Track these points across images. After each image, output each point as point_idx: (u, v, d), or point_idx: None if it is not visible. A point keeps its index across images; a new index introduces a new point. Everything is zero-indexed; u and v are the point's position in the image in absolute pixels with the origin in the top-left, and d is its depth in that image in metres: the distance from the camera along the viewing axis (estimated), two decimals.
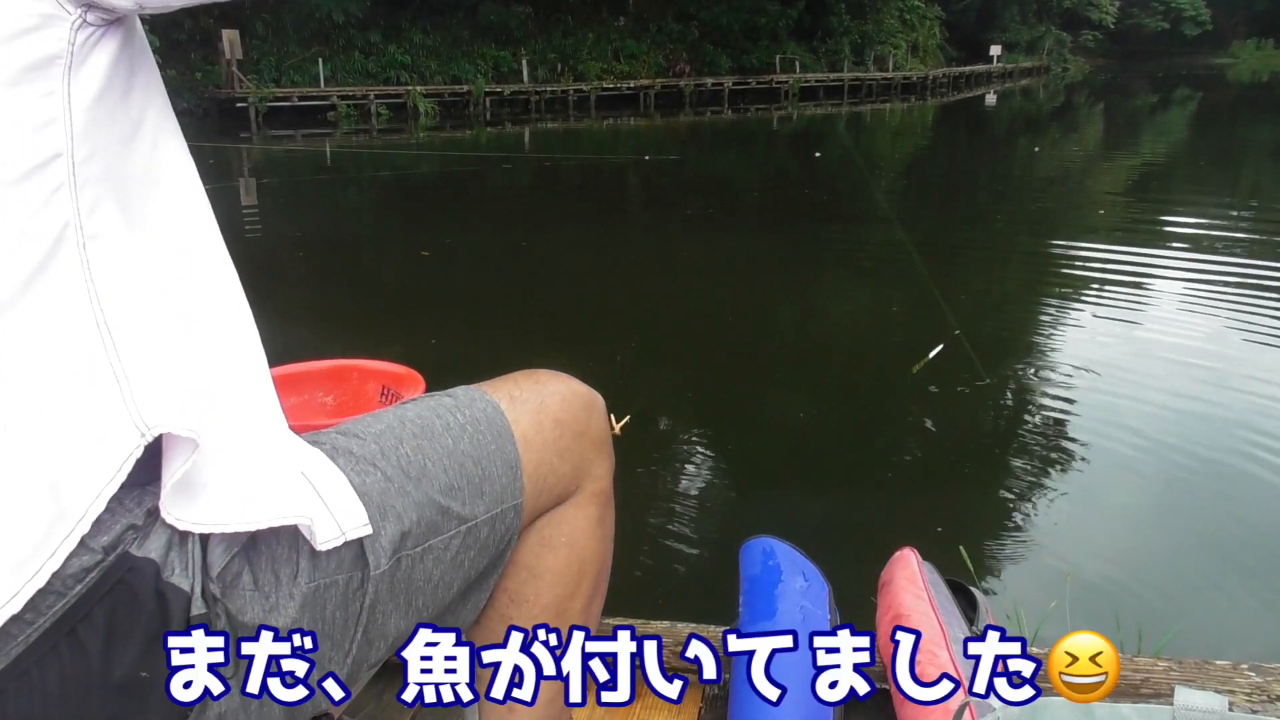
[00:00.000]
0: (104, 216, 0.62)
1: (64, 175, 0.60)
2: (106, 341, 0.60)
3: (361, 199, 11.11)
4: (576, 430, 0.86)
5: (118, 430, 0.59)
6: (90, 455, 0.58)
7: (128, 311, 0.62)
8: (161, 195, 0.68)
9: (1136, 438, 3.40)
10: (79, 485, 0.57)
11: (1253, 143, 16.40)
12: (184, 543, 0.63)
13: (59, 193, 0.60)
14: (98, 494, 0.57)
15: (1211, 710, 0.80)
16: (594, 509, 0.90)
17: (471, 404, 0.82)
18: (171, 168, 0.69)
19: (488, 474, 0.79)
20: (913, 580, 1.27)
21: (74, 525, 0.57)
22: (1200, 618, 2.34)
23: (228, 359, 0.68)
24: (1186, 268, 6.34)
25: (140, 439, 0.59)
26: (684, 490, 3.04)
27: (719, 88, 28.63)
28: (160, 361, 0.62)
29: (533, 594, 0.86)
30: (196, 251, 0.69)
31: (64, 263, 0.59)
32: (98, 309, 0.60)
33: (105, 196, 0.62)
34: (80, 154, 0.61)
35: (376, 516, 0.70)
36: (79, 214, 0.60)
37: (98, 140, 0.62)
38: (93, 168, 0.62)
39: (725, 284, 6.26)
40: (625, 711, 1.31)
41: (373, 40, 24.15)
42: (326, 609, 0.68)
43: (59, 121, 0.59)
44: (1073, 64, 53.61)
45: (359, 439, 0.75)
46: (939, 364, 3.78)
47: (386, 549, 0.70)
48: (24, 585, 0.55)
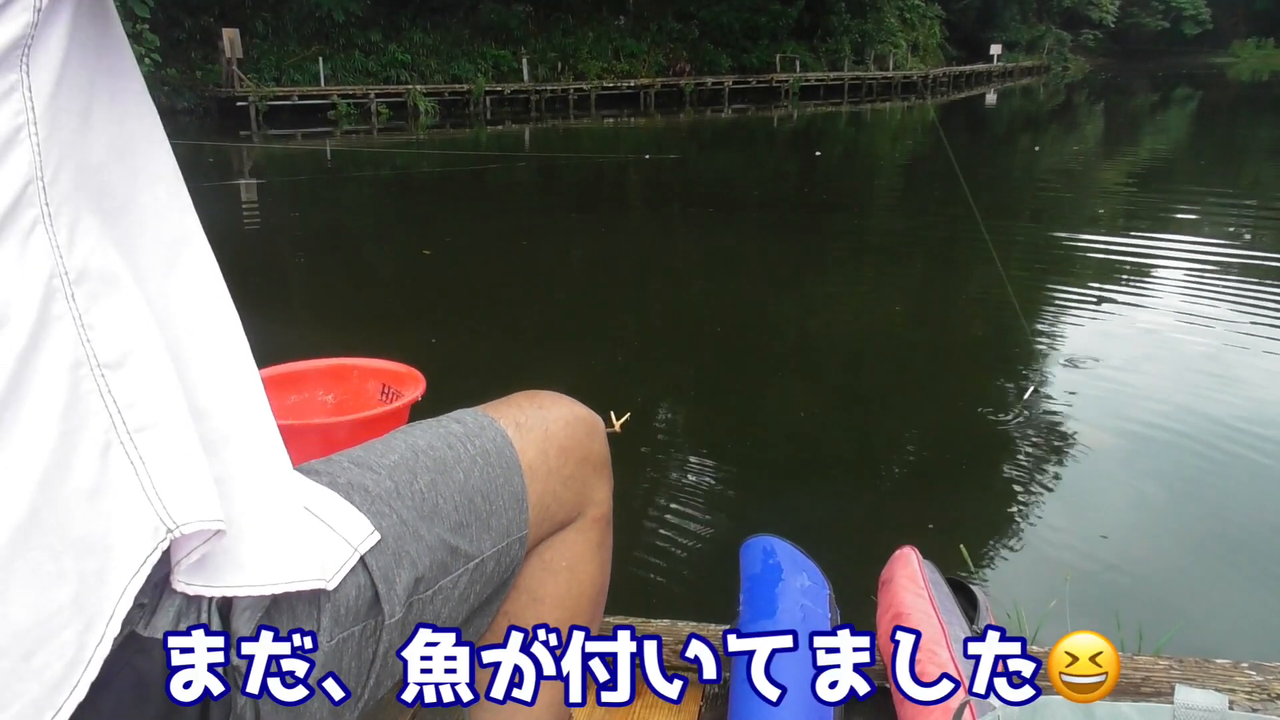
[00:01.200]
0: (85, 248, 0.54)
1: (37, 206, 0.51)
2: (117, 420, 0.53)
3: (362, 198, 11.11)
4: (579, 456, 0.86)
5: (140, 527, 0.53)
6: (112, 554, 0.52)
7: (131, 374, 0.54)
8: (151, 210, 0.60)
9: (1137, 435, 3.40)
10: (102, 587, 0.52)
11: (1253, 141, 16.39)
12: (193, 613, 0.59)
13: (35, 233, 0.51)
14: (122, 590, 0.53)
15: (1212, 709, 0.80)
16: (595, 533, 0.89)
17: (481, 433, 0.81)
18: (160, 170, 0.62)
19: (495, 508, 0.78)
20: (913, 579, 1.27)
21: (104, 629, 0.52)
22: (1201, 616, 2.34)
23: (232, 403, 0.63)
24: (1186, 266, 6.34)
25: (168, 535, 0.54)
26: (684, 489, 3.04)
27: (719, 87, 28.61)
28: (173, 432, 0.56)
29: (533, 617, 0.86)
30: (197, 287, 0.63)
31: (57, 328, 0.51)
32: (99, 377, 0.53)
33: (84, 223, 0.54)
34: (49, 170, 0.52)
35: (392, 564, 0.69)
36: (59, 254, 0.52)
37: (64, 145, 0.53)
38: (62, 185, 0.53)
39: (725, 282, 6.26)
40: (625, 711, 1.31)
41: (373, 39, 24.15)
42: (343, 661, 0.66)
43: (23, 130, 0.51)
44: (1073, 63, 53.58)
45: (373, 473, 0.73)
46: (943, 367, 3.79)
47: (401, 596, 0.69)
48: (65, 701, 0.51)
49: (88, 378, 0.52)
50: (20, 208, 0.50)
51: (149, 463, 0.54)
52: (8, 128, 0.50)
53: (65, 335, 0.51)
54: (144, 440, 0.54)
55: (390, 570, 0.69)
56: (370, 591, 0.67)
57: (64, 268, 0.52)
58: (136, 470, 0.53)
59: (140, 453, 0.53)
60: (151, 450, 0.54)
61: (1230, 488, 3.03)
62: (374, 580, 0.67)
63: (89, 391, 0.52)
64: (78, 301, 0.52)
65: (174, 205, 0.62)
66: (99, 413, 0.52)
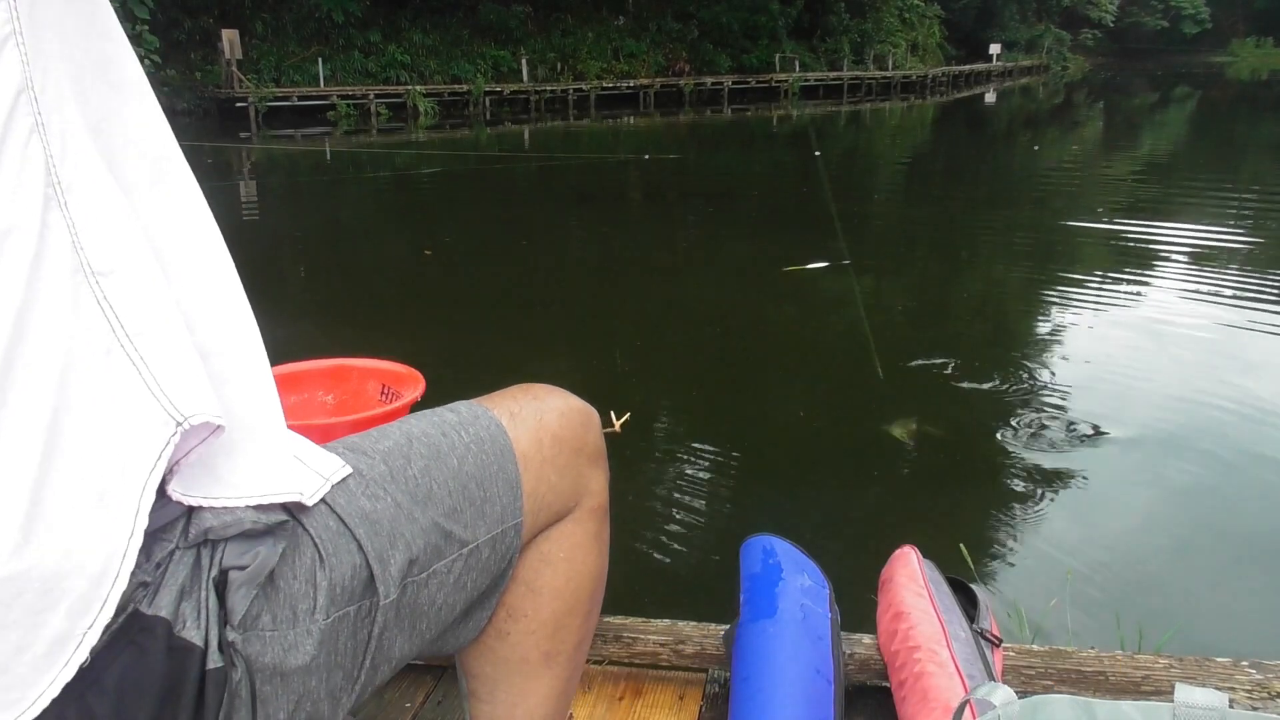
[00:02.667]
0: (76, 160, 0.55)
1: (31, 115, 0.53)
2: (115, 325, 0.55)
3: (361, 198, 11.11)
4: (574, 447, 0.86)
5: (151, 422, 0.55)
6: (129, 452, 0.54)
7: (123, 282, 0.56)
8: (132, 125, 0.62)
9: (1137, 434, 3.40)
10: (124, 480, 0.54)
11: (1252, 140, 16.40)
12: (195, 590, 0.60)
13: (31, 142, 0.53)
14: (144, 484, 0.54)
15: (1212, 707, 0.80)
16: (592, 524, 0.90)
17: (475, 421, 0.81)
18: (138, 88, 0.63)
19: (489, 495, 0.78)
20: (913, 578, 1.27)
21: (133, 523, 0.54)
22: (1201, 615, 2.34)
23: (219, 317, 0.65)
24: (1188, 265, 6.34)
25: (177, 428, 0.55)
26: (684, 488, 3.04)
27: (719, 87, 28.63)
28: (168, 336, 0.58)
29: (531, 609, 0.86)
30: (180, 203, 0.64)
31: (54, 236, 0.53)
32: (94, 284, 0.55)
33: (72, 133, 0.56)
34: (37, 80, 0.54)
35: (386, 545, 0.69)
36: (52, 163, 0.54)
37: (48, 56, 0.55)
38: (49, 95, 0.54)
39: (725, 282, 6.26)
40: (625, 711, 1.31)
41: (372, 40, 24.16)
42: (339, 640, 0.67)
43: (11, 40, 0.53)
44: (1072, 62, 53.60)
45: (367, 457, 0.74)
46: (942, 366, 3.79)
47: (395, 577, 0.70)
48: (110, 589, 0.53)
49: (84, 284, 0.54)
50: (16, 116, 0.52)
51: (150, 363, 0.55)
52: None
53: (61, 243, 0.53)
54: (143, 343, 0.55)
55: (385, 551, 0.69)
56: (365, 571, 0.68)
57: (57, 177, 0.53)
58: (140, 370, 0.55)
59: (141, 354, 0.55)
60: (151, 352, 0.55)
61: (1230, 486, 3.03)
62: (369, 560, 0.68)
63: (86, 298, 0.54)
64: (70, 210, 0.54)
65: (154, 122, 0.64)
66: (98, 318, 0.54)
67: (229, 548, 0.61)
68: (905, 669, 1.15)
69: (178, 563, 0.59)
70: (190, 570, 0.60)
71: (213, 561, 0.61)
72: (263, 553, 0.62)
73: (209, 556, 0.61)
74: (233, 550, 0.61)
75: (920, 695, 1.10)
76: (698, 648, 1.32)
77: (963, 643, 1.16)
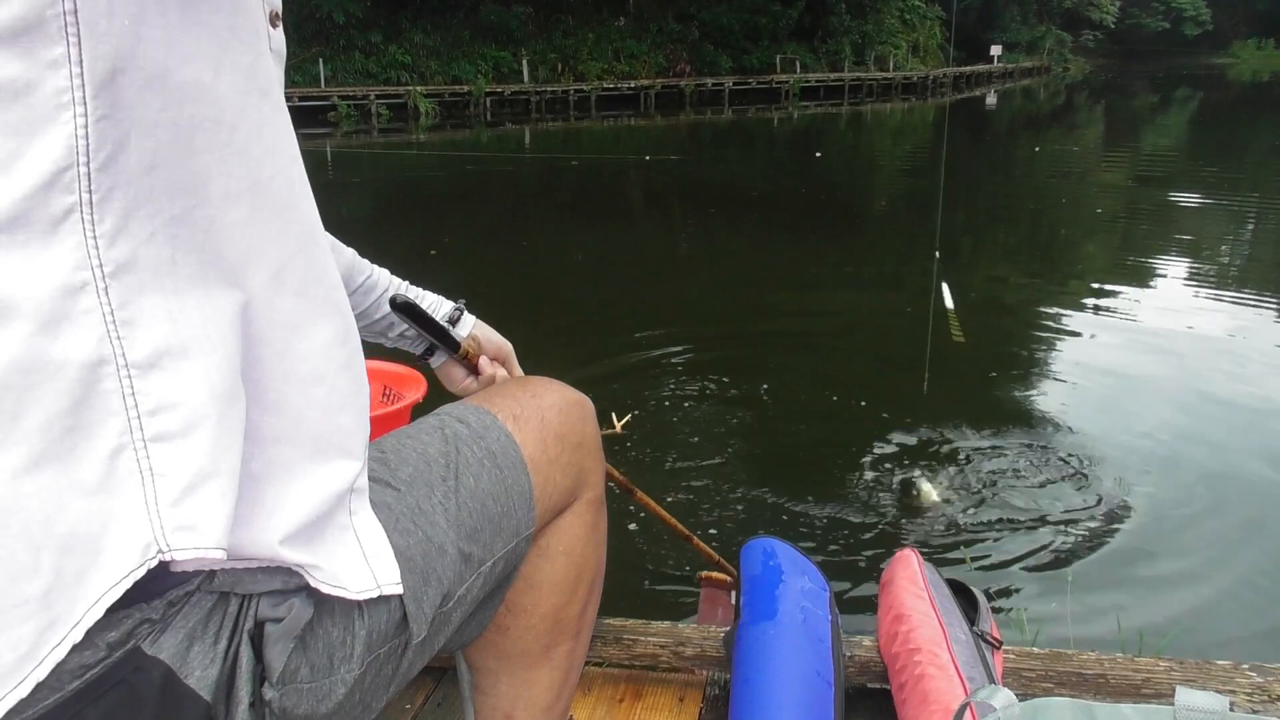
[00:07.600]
0: (138, 237, 0.50)
1: (74, 194, 0.47)
2: (134, 425, 0.50)
3: (362, 199, 11.11)
4: (575, 442, 0.86)
5: (133, 540, 0.50)
6: (99, 559, 0.49)
7: (165, 378, 0.50)
8: (276, 193, 0.56)
9: (1137, 437, 3.40)
10: (79, 589, 0.49)
11: (1253, 141, 16.39)
12: (212, 638, 0.56)
13: (66, 223, 0.47)
14: (98, 598, 0.49)
15: (1212, 710, 0.80)
16: (589, 515, 0.90)
17: (486, 433, 0.81)
18: (278, 144, 0.56)
19: (505, 510, 0.78)
20: (914, 580, 1.27)
21: (66, 633, 0.48)
22: (1201, 618, 2.34)
23: (319, 406, 0.59)
24: (1190, 264, 6.34)
25: (157, 555, 0.50)
26: (685, 490, 3.04)
27: (719, 88, 28.63)
28: (199, 446, 0.52)
29: (530, 603, 0.87)
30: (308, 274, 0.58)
31: (81, 323, 0.48)
32: (124, 378, 0.49)
33: (142, 206, 0.50)
34: (100, 153, 0.47)
35: (420, 583, 0.68)
36: (95, 246, 0.48)
37: (140, 124, 0.48)
38: (124, 165, 0.48)
39: (726, 282, 6.26)
40: (625, 713, 1.31)
41: (373, 40, 24.16)
42: (367, 680, 0.66)
43: (67, 111, 0.46)
44: (1073, 64, 53.60)
45: (393, 490, 0.72)
46: (944, 367, 3.79)
47: (427, 615, 0.69)
48: (6, 694, 0.47)
49: (111, 376, 0.49)
50: (51, 194, 0.46)
51: (160, 475, 0.50)
52: (48, 105, 0.45)
53: (87, 332, 0.48)
54: (160, 450, 0.50)
55: (419, 590, 0.68)
56: (399, 612, 0.67)
57: (98, 260, 0.48)
58: (143, 480, 0.50)
59: (152, 463, 0.50)
60: (166, 462, 0.50)
61: (1230, 489, 3.03)
62: (404, 601, 0.67)
63: (110, 391, 0.49)
64: (112, 296, 0.49)
65: (301, 193, 0.58)
66: (117, 413, 0.49)
67: (262, 600, 0.58)
68: (905, 671, 1.15)
69: (194, 605, 0.56)
70: (206, 615, 0.56)
71: (244, 613, 0.58)
72: (297, 604, 0.59)
73: (239, 607, 0.58)
74: (266, 602, 0.58)
75: (920, 698, 1.10)
76: (698, 650, 1.32)
77: (963, 645, 1.15)
